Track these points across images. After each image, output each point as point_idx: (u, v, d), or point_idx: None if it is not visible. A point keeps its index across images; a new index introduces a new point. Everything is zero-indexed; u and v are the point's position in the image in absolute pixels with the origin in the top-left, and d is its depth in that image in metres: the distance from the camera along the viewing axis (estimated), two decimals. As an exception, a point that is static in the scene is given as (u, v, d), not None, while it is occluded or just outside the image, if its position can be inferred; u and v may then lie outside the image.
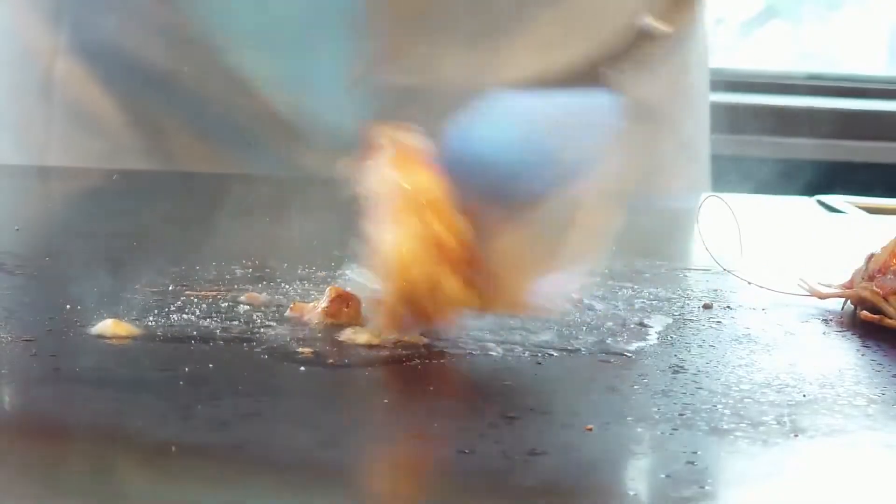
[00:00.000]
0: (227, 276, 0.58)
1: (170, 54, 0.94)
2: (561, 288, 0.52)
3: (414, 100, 0.92)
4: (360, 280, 0.51)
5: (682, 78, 1.01)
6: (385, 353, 0.49)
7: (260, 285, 0.58)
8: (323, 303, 0.53)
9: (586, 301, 0.58)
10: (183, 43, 0.94)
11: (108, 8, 0.95)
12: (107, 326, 0.50)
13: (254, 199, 0.83)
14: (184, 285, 0.57)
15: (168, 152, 0.96)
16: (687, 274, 0.65)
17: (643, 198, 0.94)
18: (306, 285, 0.58)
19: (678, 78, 1.00)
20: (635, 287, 0.61)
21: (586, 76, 0.95)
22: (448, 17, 0.91)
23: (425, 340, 0.50)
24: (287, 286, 0.58)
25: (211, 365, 0.47)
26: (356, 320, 0.52)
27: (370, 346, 0.49)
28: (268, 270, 0.61)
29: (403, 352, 0.49)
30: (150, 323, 0.51)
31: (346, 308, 0.52)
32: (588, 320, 0.55)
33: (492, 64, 0.92)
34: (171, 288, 0.57)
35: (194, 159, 0.95)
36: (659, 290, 0.61)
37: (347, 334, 0.50)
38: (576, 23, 0.95)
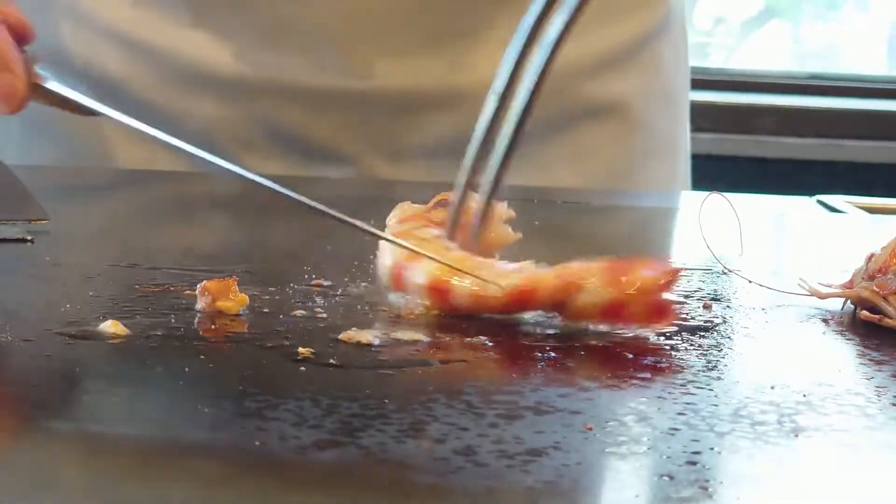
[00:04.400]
0: (225, 276, 0.58)
1: (120, 60, 0.94)
2: None
3: (391, 102, 0.92)
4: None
5: (657, 75, 1.01)
6: (385, 353, 0.49)
7: (258, 285, 0.58)
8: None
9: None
10: (133, 48, 0.94)
11: (61, 13, 0.95)
12: (107, 326, 0.50)
13: (225, 198, 0.83)
14: (183, 284, 0.57)
15: (113, 153, 0.96)
16: (687, 274, 0.65)
17: (619, 195, 0.94)
18: (301, 284, 0.59)
19: (652, 75, 1.00)
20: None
21: (572, 78, 0.95)
22: (403, 21, 0.91)
23: (426, 340, 0.50)
24: (284, 286, 0.58)
25: (211, 365, 0.47)
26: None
27: (370, 346, 0.49)
28: (264, 270, 0.61)
29: (403, 352, 0.49)
30: (149, 323, 0.51)
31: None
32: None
33: (450, 68, 0.92)
34: (170, 287, 0.57)
35: (139, 160, 0.95)
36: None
37: (347, 334, 0.50)
38: None
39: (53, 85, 0.60)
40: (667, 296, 0.53)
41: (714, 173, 1.95)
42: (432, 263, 0.55)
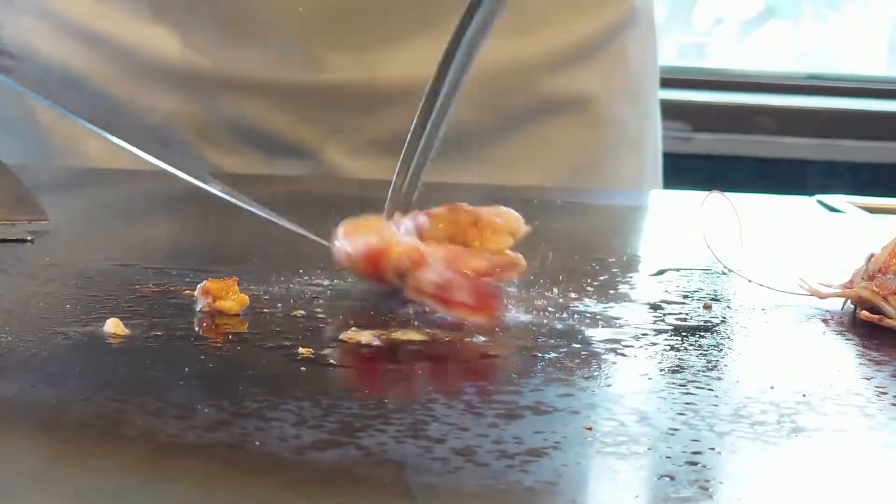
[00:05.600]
0: (225, 276, 0.58)
1: (81, 54, 0.94)
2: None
3: (351, 95, 0.92)
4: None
5: (622, 70, 1.00)
6: (385, 353, 0.49)
7: (258, 285, 0.58)
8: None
9: (584, 301, 0.58)
10: (94, 42, 0.94)
11: (22, 7, 0.95)
12: (107, 326, 0.50)
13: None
14: (183, 284, 0.57)
15: (84, 151, 0.96)
16: (687, 274, 0.65)
17: (586, 193, 0.94)
18: (301, 284, 0.59)
19: (617, 70, 1.00)
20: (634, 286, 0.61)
21: (533, 73, 0.95)
22: (361, 15, 0.91)
23: (425, 340, 0.50)
24: (284, 286, 0.58)
25: (211, 365, 0.47)
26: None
27: (370, 346, 0.49)
28: (264, 270, 0.61)
29: (404, 352, 0.49)
30: (149, 323, 0.51)
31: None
32: (587, 320, 0.55)
33: (408, 62, 0.92)
34: (170, 287, 0.57)
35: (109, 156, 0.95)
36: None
37: (347, 334, 0.50)
38: (519, 20, 0.94)
39: None
40: (496, 283, 0.52)
41: (714, 173, 1.95)
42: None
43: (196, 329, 0.51)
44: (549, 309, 0.56)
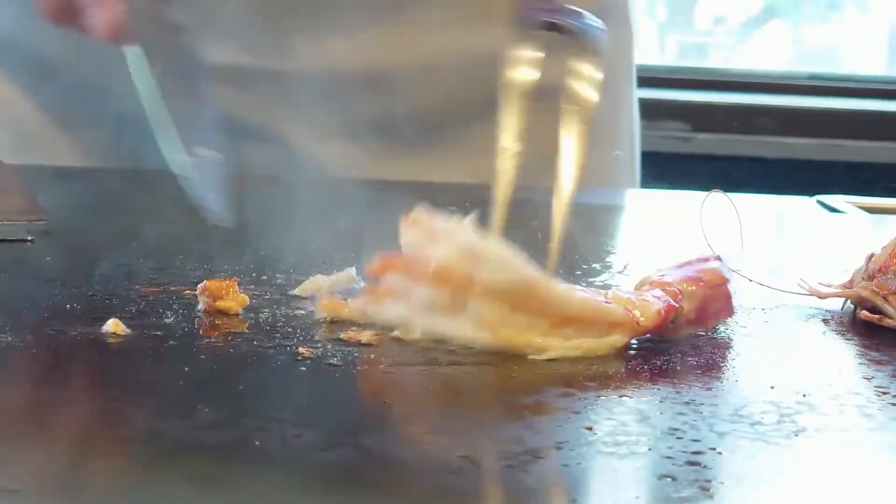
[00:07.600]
0: (225, 276, 0.58)
1: (68, 46, 0.94)
2: None
3: (313, 82, 0.92)
4: None
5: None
6: (385, 353, 0.49)
7: (258, 285, 0.58)
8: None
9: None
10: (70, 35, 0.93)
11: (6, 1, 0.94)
12: (107, 326, 0.50)
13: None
14: (183, 285, 0.57)
15: (76, 146, 0.95)
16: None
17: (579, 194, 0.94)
18: (300, 282, 0.59)
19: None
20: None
21: (482, 62, 0.95)
22: (328, 1, 0.91)
23: (426, 340, 0.50)
24: (284, 286, 0.58)
25: (211, 365, 0.47)
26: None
27: (370, 346, 0.49)
28: (265, 270, 0.61)
29: (403, 352, 0.49)
30: (149, 323, 0.51)
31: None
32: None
33: (375, 49, 0.92)
34: (170, 287, 0.57)
35: (100, 153, 0.95)
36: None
37: (347, 334, 0.50)
38: (488, 10, 0.94)
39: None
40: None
41: (714, 173, 1.95)
42: None
43: (196, 329, 0.51)
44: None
